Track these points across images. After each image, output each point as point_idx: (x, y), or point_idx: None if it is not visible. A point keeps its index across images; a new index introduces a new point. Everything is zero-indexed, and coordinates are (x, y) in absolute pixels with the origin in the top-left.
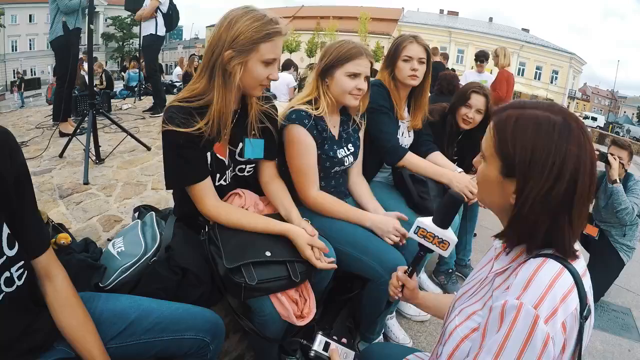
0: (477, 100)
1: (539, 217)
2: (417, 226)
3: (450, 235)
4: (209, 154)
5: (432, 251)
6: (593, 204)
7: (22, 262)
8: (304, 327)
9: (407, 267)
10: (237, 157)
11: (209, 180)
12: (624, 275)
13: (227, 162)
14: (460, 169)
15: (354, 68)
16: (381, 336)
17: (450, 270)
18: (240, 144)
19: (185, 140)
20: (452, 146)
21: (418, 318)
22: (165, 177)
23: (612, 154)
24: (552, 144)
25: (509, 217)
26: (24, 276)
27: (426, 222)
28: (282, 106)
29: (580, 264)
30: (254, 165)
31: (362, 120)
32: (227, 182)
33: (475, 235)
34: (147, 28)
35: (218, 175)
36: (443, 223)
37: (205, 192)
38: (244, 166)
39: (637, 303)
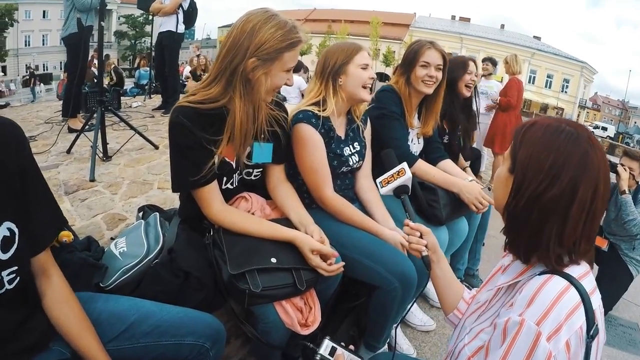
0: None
1: (528, 218)
2: (380, 184)
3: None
4: (216, 157)
5: (405, 191)
6: (604, 215)
7: (16, 268)
8: (308, 335)
9: (407, 219)
10: (245, 160)
11: (215, 183)
12: (632, 289)
13: (234, 166)
14: (471, 177)
15: (363, 59)
16: (385, 346)
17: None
18: (249, 148)
19: (193, 143)
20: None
21: (423, 328)
22: (172, 179)
23: (622, 165)
24: (555, 145)
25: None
26: (15, 282)
27: (379, 178)
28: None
29: (589, 281)
30: (261, 169)
31: (364, 122)
32: (234, 186)
33: (483, 244)
34: (167, 24)
35: (225, 178)
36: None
37: (211, 196)
38: (251, 170)
39: None
